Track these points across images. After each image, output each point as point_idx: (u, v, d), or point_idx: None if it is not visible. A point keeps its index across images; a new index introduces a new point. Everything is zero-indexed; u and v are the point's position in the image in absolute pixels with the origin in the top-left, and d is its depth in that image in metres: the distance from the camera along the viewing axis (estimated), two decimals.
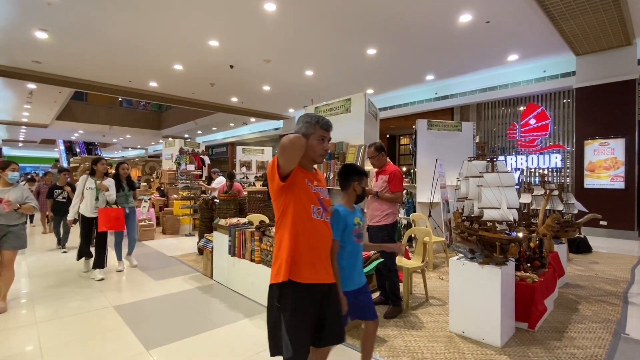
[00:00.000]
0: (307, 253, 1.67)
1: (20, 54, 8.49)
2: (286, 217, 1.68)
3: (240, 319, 3.36)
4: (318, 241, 1.72)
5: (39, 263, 5.47)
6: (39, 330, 3.12)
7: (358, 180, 2.09)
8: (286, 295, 1.63)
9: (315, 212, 1.71)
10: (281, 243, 1.69)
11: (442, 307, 3.66)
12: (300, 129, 1.77)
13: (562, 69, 8.73)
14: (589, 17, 6.17)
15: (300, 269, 1.64)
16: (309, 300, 1.67)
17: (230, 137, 21.45)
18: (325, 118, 1.80)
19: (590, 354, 2.68)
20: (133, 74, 10.13)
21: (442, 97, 11.16)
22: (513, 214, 2.90)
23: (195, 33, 7.25)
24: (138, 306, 3.73)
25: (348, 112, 3.99)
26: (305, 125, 1.76)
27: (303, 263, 1.65)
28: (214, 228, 4.63)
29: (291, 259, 1.63)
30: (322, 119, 1.78)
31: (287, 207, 1.67)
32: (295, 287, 1.63)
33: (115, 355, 2.69)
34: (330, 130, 1.83)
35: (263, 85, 11.22)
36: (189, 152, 9.23)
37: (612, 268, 5.20)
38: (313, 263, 1.68)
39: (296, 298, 1.63)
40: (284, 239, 1.67)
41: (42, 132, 21.27)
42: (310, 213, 1.69)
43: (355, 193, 2.10)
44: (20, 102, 13.62)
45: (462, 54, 8.39)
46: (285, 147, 1.54)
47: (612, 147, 7.64)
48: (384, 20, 6.58)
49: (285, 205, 1.68)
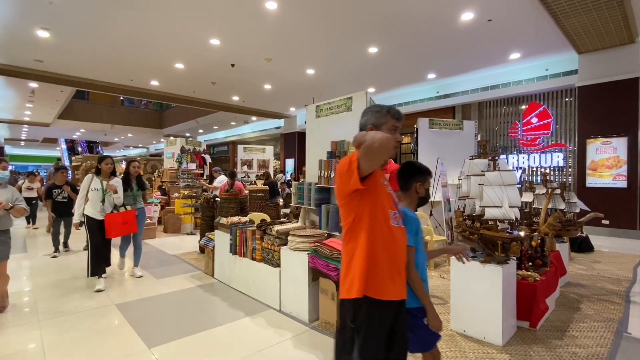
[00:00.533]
0: (385, 265, 1.45)
1: (22, 53, 8.50)
2: (361, 224, 1.46)
3: (241, 317, 3.37)
4: (397, 251, 1.51)
5: (41, 262, 5.49)
6: (41, 328, 3.13)
7: (421, 181, 1.82)
8: (362, 314, 1.41)
9: (392, 218, 1.50)
10: (354, 254, 1.46)
11: (444, 305, 3.65)
12: (368, 120, 1.60)
13: (564, 68, 8.69)
14: (591, 14, 6.14)
15: (379, 283, 1.43)
16: (387, 320, 1.46)
17: (232, 136, 21.46)
18: (395, 107, 1.62)
19: (592, 353, 2.68)
20: (134, 72, 10.14)
21: (444, 96, 11.13)
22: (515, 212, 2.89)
23: (196, 32, 7.25)
24: (139, 304, 3.74)
25: (349, 111, 3.98)
26: (376, 115, 1.59)
27: (381, 277, 1.44)
28: (215, 227, 4.63)
29: (368, 272, 1.42)
30: (392, 107, 1.61)
31: (362, 212, 1.46)
32: (372, 305, 1.41)
33: (117, 352, 2.70)
34: (402, 120, 1.65)
35: (264, 83, 11.22)
36: (190, 151, 9.24)
37: (614, 267, 5.18)
38: (392, 276, 1.47)
39: (374, 317, 1.42)
40: (359, 249, 1.44)
41: (44, 131, 21.33)
42: (389, 219, 1.49)
43: (418, 195, 1.83)
44: (22, 101, 13.66)
45: (464, 53, 8.36)
46: (371, 149, 1.31)
47: (615, 146, 7.61)
48: (385, 18, 6.56)
49: (360, 210, 1.46)
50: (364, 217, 1.46)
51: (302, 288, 3.29)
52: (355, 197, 1.46)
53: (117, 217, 4.29)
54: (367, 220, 1.45)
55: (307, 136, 4.54)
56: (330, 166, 3.92)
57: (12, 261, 4.17)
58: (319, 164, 4.08)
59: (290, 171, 16.39)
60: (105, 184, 4.27)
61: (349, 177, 1.39)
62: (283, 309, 3.51)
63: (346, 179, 1.41)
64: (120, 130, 21.92)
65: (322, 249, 3.09)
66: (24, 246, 6.68)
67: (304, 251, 3.30)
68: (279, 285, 3.54)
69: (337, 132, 4.09)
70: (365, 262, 1.42)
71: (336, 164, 3.87)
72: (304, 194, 4.26)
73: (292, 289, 3.42)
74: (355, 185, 1.39)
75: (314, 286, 3.25)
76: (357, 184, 1.38)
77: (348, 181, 1.40)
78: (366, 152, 1.33)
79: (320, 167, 4.06)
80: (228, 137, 21.87)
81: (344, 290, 1.47)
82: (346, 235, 1.52)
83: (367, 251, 1.43)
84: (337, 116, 4.12)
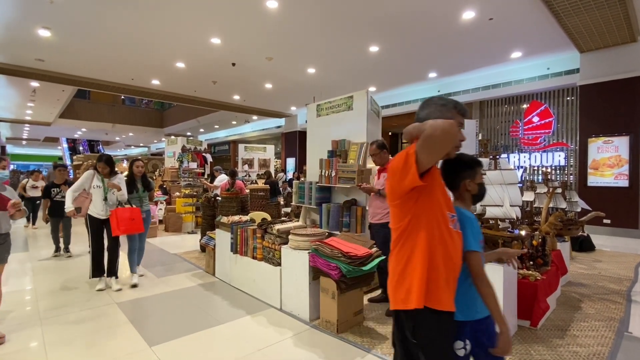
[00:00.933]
0: (444, 272, 1.31)
1: (23, 52, 8.51)
2: (418, 227, 1.32)
3: (242, 316, 3.37)
4: (456, 257, 1.37)
5: (43, 261, 5.50)
6: (43, 326, 3.14)
7: (471, 176, 1.54)
8: (425, 328, 1.28)
9: (450, 221, 1.37)
10: (410, 259, 1.32)
11: None
12: (431, 114, 1.40)
13: (565, 66, 8.66)
14: (593, 13, 6.11)
15: (439, 293, 1.29)
16: (452, 334, 1.35)
17: (233, 135, 21.48)
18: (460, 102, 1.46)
19: (593, 352, 2.67)
20: (135, 72, 10.14)
21: (445, 95, 11.10)
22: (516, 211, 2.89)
23: (197, 31, 7.25)
24: (141, 303, 3.75)
25: (350, 110, 3.97)
26: (441, 109, 1.40)
27: (441, 286, 1.30)
28: (216, 226, 4.64)
29: (428, 281, 1.28)
30: (458, 102, 1.45)
31: (419, 214, 1.31)
32: (436, 317, 1.28)
33: (118, 351, 2.70)
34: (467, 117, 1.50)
35: (265, 83, 11.21)
36: (191, 150, 9.25)
37: (616, 266, 5.17)
38: (449, 286, 1.33)
39: (441, 331, 1.30)
40: (416, 255, 1.31)
41: (46, 130, 21.38)
42: (448, 221, 1.35)
43: (470, 193, 1.56)
44: (24, 100, 13.69)
45: (465, 52, 8.34)
46: (432, 138, 1.18)
47: (616, 145, 7.59)
48: (386, 17, 6.55)
49: (417, 211, 1.32)
50: (422, 219, 1.31)
51: (303, 287, 3.29)
52: (411, 197, 1.31)
53: (125, 211, 4.02)
54: (425, 223, 1.31)
55: (308, 135, 4.54)
56: (331, 165, 3.92)
57: (13, 261, 4.17)
58: (319, 163, 4.08)
59: (292, 170, 16.40)
60: (106, 181, 4.07)
61: (405, 174, 1.25)
62: (284, 307, 3.51)
63: (402, 176, 1.27)
64: (122, 129, 21.95)
65: (322, 247, 3.09)
66: (25, 245, 6.70)
67: (304, 250, 3.31)
68: (279, 284, 3.55)
69: (338, 131, 4.09)
70: (425, 269, 1.28)
71: (337, 163, 3.87)
72: (304, 193, 4.26)
73: (292, 288, 3.42)
74: (413, 182, 1.24)
75: (314, 285, 3.26)
76: (416, 181, 1.23)
77: (404, 178, 1.26)
78: (427, 142, 1.19)
79: (321, 166, 4.06)
80: (229, 136, 21.88)
81: (398, 300, 1.33)
82: (398, 239, 1.37)
83: (427, 257, 1.29)
84: (337, 115, 4.12)
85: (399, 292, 1.34)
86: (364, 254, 2.96)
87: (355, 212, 3.73)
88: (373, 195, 3.52)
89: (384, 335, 2.95)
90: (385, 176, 3.50)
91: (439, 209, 1.33)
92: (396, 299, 1.35)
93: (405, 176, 1.25)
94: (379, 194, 3.45)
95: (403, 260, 1.34)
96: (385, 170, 3.53)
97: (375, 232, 3.52)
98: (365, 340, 2.86)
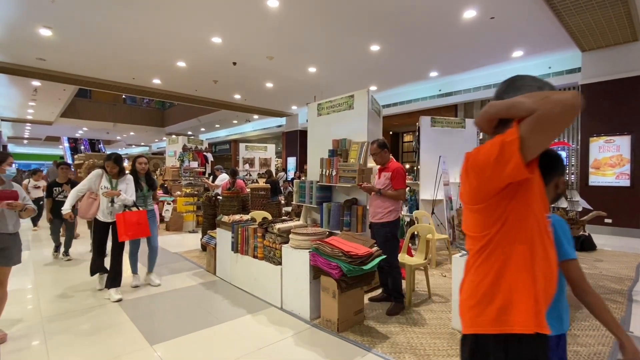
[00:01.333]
0: (545, 288, 1.06)
1: (24, 52, 8.53)
2: (513, 230, 1.05)
3: (242, 315, 3.38)
4: (555, 268, 1.12)
5: (44, 260, 5.52)
6: (44, 325, 3.15)
7: (563, 174, 1.38)
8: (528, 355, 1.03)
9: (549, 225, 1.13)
10: (502, 272, 1.06)
11: (445, 304, 3.65)
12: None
13: (567, 65, 8.64)
14: (595, 12, 6.10)
15: (541, 313, 1.03)
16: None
17: (233, 135, 21.49)
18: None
19: (593, 351, 2.67)
20: (136, 71, 10.15)
21: (446, 94, 11.09)
22: None
23: (198, 30, 7.25)
24: (142, 302, 3.76)
25: (351, 109, 3.97)
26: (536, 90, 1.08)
27: (543, 304, 1.05)
28: (217, 225, 4.64)
29: (535, 298, 1.02)
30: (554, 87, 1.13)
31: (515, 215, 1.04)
32: (537, 344, 1.03)
33: (119, 350, 2.71)
34: None
35: (266, 82, 11.21)
36: (192, 149, 9.26)
37: (617, 266, 5.16)
38: (547, 304, 1.09)
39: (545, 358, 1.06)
40: (512, 265, 1.04)
41: (47, 130, 21.44)
42: (547, 225, 1.10)
43: (557, 192, 1.37)
44: (25, 99, 13.72)
45: (466, 50, 8.33)
46: (551, 116, 0.88)
47: (618, 144, 7.57)
48: (387, 16, 6.54)
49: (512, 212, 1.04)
50: (519, 222, 1.04)
51: (304, 286, 3.29)
52: (505, 196, 1.03)
53: (132, 215, 3.78)
54: (523, 226, 1.04)
55: (309, 134, 4.54)
56: (332, 164, 3.92)
57: None
58: (320, 162, 4.08)
59: (292, 170, 16.40)
60: (115, 182, 3.84)
61: (501, 167, 0.96)
62: (284, 306, 3.52)
63: (496, 170, 0.98)
64: (123, 128, 21.98)
65: (323, 247, 3.09)
66: (27, 245, 6.72)
67: (305, 249, 3.31)
68: (280, 283, 3.55)
69: (339, 130, 4.09)
70: (531, 284, 1.03)
71: (337, 162, 3.86)
72: (305, 192, 4.27)
73: (293, 287, 3.42)
74: (516, 174, 0.95)
75: (315, 284, 3.26)
76: (521, 172, 0.94)
77: (500, 172, 0.97)
78: (543, 120, 0.89)
79: (321, 165, 4.06)
80: (230, 135, 21.89)
81: (484, 321, 1.06)
82: (483, 249, 1.09)
83: (530, 269, 1.04)
84: (338, 114, 4.12)
85: (486, 311, 1.06)
86: (365, 253, 2.96)
87: (355, 211, 3.73)
88: (374, 194, 3.52)
89: (384, 335, 2.95)
90: (385, 175, 3.49)
91: (539, 209, 1.06)
92: (479, 320, 1.07)
93: (501, 169, 0.97)
94: (380, 193, 3.45)
95: (491, 273, 1.07)
96: (385, 169, 3.53)
97: (376, 231, 3.52)
98: (365, 340, 2.86)
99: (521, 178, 0.97)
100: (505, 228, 1.05)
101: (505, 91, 1.17)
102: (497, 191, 1.04)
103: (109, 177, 3.85)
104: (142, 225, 3.86)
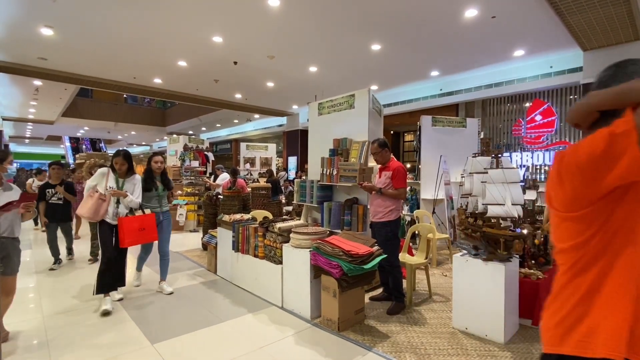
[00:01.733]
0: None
1: (26, 51, 8.54)
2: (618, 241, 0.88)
3: (243, 314, 3.38)
4: None
5: (46, 258, 5.53)
6: (46, 323, 3.16)
7: None
8: None
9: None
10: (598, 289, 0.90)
11: (446, 303, 3.65)
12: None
13: (569, 65, 8.62)
14: (596, 11, 6.08)
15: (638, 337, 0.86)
16: None
17: (234, 134, 21.49)
18: None
19: None
20: (137, 70, 10.16)
21: (447, 94, 11.07)
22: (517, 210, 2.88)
23: (199, 29, 7.25)
24: (143, 301, 3.77)
25: (352, 109, 3.97)
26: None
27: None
28: (218, 224, 4.65)
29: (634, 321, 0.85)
30: None
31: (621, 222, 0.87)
32: None
33: (121, 348, 2.72)
34: None
35: (267, 81, 11.21)
36: (193, 149, 9.27)
37: None
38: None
39: None
40: (611, 282, 0.89)
41: (48, 129, 21.46)
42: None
43: None
44: (27, 98, 13.74)
45: (468, 50, 8.31)
46: None
47: None
48: (388, 15, 6.53)
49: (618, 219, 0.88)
50: (625, 231, 0.87)
51: (304, 285, 3.30)
52: (612, 199, 0.86)
53: (133, 221, 3.53)
54: (630, 236, 0.87)
55: (310, 134, 4.54)
56: (333, 164, 3.92)
57: None
58: (321, 162, 4.08)
59: (293, 169, 16.40)
60: (121, 182, 3.58)
61: (610, 162, 0.80)
62: (285, 305, 3.52)
63: (601, 170, 0.82)
64: (124, 128, 22.00)
65: (324, 246, 3.09)
66: (28, 244, 6.73)
67: (306, 248, 3.31)
68: (281, 282, 3.55)
69: (340, 129, 4.08)
70: (632, 304, 0.86)
71: (338, 161, 3.86)
72: (306, 191, 4.27)
73: (294, 286, 3.43)
74: (631, 172, 0.79)
75: (315, 283, 3.26)
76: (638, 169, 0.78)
77: (609, 171, 0.81)
78: None
79: (322, 164, 4.06)
80: (231, 134, 21.90)
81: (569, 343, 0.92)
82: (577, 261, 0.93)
83: (634, 288, 0.87)
84: (339, 114, 4.12)
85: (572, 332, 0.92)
86: (365, 253, 2.96)
87: (356, 210, 3.73)
88: (374, 193, 3.52)
89: (384, 334, 2.95)
90: (386, 175, 3.48)
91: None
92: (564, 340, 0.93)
93: (610, 166, 0.80)
94: (380, 192, 3.45)
95: (582, 288, 0.92)
96: (386, 169, 3.52)
97: (377, 230, 3.52)
98: (366, 339, 2.86)
99: (637, 178, 0.80)
100: (608, 236, 0.88)
101: (613, 78, 1.01)
102: (602, 194, 0.85)
103: (115, 177, 3.58)
104: (146, 231, 3.59)
